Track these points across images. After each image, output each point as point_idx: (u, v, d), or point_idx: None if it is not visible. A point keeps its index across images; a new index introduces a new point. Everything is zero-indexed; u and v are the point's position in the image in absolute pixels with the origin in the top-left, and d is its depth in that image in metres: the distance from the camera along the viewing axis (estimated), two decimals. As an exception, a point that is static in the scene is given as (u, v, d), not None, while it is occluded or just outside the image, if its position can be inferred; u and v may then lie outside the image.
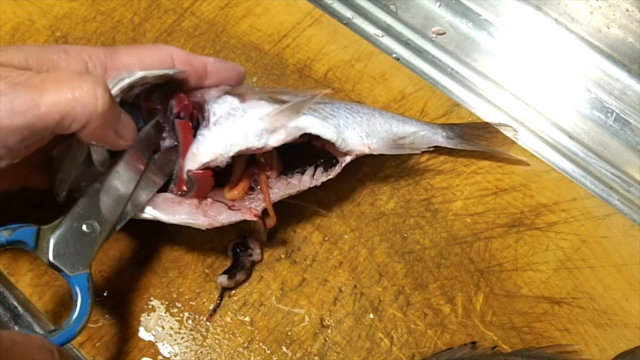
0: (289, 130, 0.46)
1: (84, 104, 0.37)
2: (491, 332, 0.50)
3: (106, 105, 0.38)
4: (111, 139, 0.41)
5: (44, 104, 0.36)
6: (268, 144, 0.45)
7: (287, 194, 0.49)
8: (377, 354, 0.49)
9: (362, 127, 0.51)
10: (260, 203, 0.48)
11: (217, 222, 0.45)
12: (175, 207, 0.45)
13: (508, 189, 0.57)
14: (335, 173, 0.50)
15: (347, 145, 0.49)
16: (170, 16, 0.63)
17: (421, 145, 0.54)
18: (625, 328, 0.51)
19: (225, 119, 0.45)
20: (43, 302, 0.49)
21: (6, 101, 0.35)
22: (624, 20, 0.68)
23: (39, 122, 0.36)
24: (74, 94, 0.37)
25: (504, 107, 0.68)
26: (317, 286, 0.51)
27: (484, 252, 0.53)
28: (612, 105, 0.68)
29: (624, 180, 0.64)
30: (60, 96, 0.37)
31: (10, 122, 0.36)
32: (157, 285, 0.50)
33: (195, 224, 0.45)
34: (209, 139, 0.45)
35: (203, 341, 0.49)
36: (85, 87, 0.37)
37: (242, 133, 0.45)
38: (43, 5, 0.63)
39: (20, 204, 0.52)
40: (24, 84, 0.37)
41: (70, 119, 0.37)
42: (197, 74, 0.47)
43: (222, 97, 0.47)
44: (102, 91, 0.38)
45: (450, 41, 0.71)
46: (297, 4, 0.65)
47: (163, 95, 0.46)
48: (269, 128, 0.45)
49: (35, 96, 0.36)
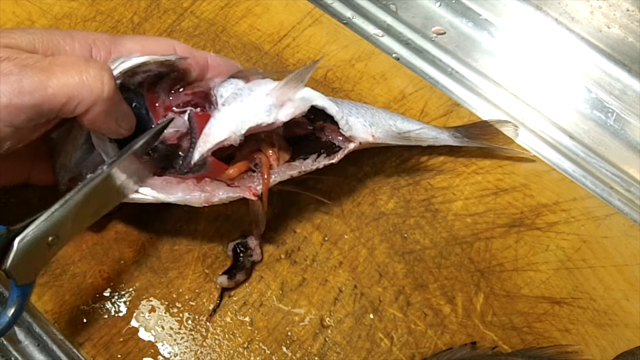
0: (297, 103, 0.46)
1: (90, 88, 0.38)
2: (491, 333, 0.50)
3: (111, 90, 0.39)
4: (112, 126, 0.42)
5: (51, 85, 0.37)
6: (278, 118, 0.46)
7: (288, 175, 0.48)
8: (377, 354, 0.49)
9: (366, 118, 0.52)
10: (260, 183, 0.47)
11: (214, 197, 0.45)
12: (172, 186, 0.45)
13: (508, 189, 0.56)
14: (338, 159, 0.50)
15: (350, 128, 0.49)
16: (170, 16, 0.63)
17: (427, 137, 0.55)
18: (625, 328, 0.51)
19: (233, 99, 0.46)
20: (43, 302, 0.49)
21: (15, 81, 0.36)
22: (625, 20, 0.68)
23: (45, 102, 0.37)
24: (81, 77, 0.38)
25: (504, 107, 0.67)
26: (317, 286, 0.51)
27: (484, 252, 0.53)
28: (612, 105, 0.68)
29: (624, 180, 0.64)
30: (67, 79, 0.38)
31: (18, 101, 0.37)
32: (157, 285, 0.50)
33: (191, 201, 0.45)
34: (219, 118, 0.45)
35: (203, 341, 0.49)
36: (92, 72, 0.39)
37: (252, 109, 0.45)
38: (43, 5, 0.63)
39: (20, 204, 0.52)
40: (32, 66, 0.38)
41: (76, 102, 0.38)
42: (199, 66, 0.47)
43: (227, 80, 0.48)
44: (108, 77, 0.39)
45: (451, 41, 0.71)
46: (297, 3, 0.65)
47: (167, 85, 0.47)
48: (276, 102, 0.46)
49: (43, 78, 0.37)
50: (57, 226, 0.40)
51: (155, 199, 0.45)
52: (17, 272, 0.38)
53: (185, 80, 0.47)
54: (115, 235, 0.52)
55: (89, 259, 0.51)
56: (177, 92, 0.47)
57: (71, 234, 0.41)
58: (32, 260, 0.39)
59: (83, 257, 0.51)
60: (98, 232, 0.52)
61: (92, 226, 0.52)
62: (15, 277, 0.39)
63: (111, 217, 0.52)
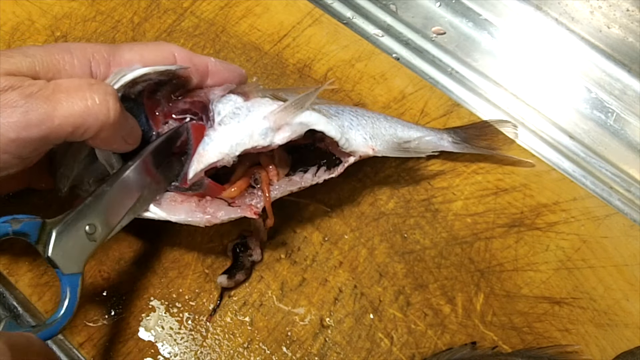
0: (294, 127, 0.46)
1: (96, 115, 0.38)
2: (491, 332, 0.50)
3: (117, 114, 0.39)
4: (119, 145, 0.42)
5: (57, 116, 0.37)
6: (274, 142, 0.45)
7: (288, 191, 0.48)
8: (377, 354, 0.49)
9: (367, 130, 0.51)
10: (261, 200, 0.47)
11: (216, 218, 0.45)
12: (176, 205, 0.45)
13: (508, 189, 0.56)
14: (338, 173, 0.50)
15: (350, 145, 0.49)
16: (170, 16, 0.63)
17: (427, 149, 0.54)
18: (625, 328, 0.51)
19: (230, 118, 0.46)
20: (43, 302, 0.49)
21: (21, 114, 0.36)
22: (625, 20, 0.68)
23: (52, 133, 0.37)
24: (86, 104, 0.38)
25: (504, 107, 0.67)
26: (317, 286, 0.51)
27: (484, 252, 0.53)
28: (612, 105, 0.68)
29: (624, 180, 0.64)
30: (73, 108, 0.38)
31: (26, 134, 0.37)
32: (157, 285, 0.50)
33: (194, 222, 0.45)
34: (215, 139, 0.45)
35: (203, 341, 0.49)
36: (97, 98, 0.38)
37: (248, 132, 0.45)
38: (43, 5, 0.63)
39: (20, 204, 0.52)
40: (37, 96, 0.37)
41: (82, 130, 0.38)
42: (199, 72, 0.47)
43: (226, 96, 0.47)
44: (113, 101, 0.39)
45: (450, 41, 0.71)
46: (297, 3, 0.65)
47: (167, 93, 0.46)
48: (273, 126, 0.45)
49: (49, 109, 0.37)
50: (92, 215, 0.42)
51: (159, 217, 0.45)
52: (59, 260, 0.41)
53: (185, 87, 0.47)
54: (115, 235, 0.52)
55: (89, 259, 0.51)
56: (177, 100, 0.47)
57: (109, 225, 0.43)
58: (73, 249, 0.41)
59: (83, 257, 0.51)
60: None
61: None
62: (59, 265, 0.41)
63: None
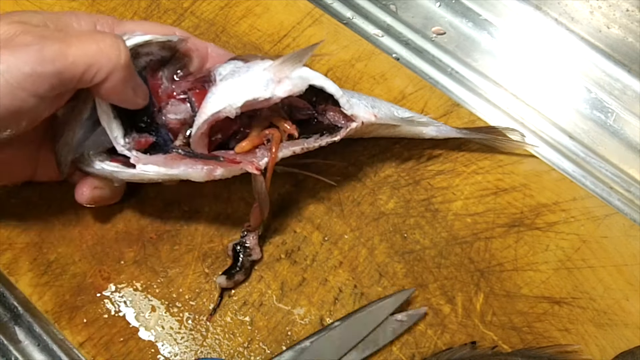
0: (295, 81, 0.46)
1: (108, 55, 0.40)
2: (491, 332, 0.50)
3: (128, 57, 0.41)
4: (129, 95, 0.43)
5: (71, 54, 0.39)
6: (275, 94, 0.45)
7: (291, 152, 0.47)
8: (377, 354, 0.49)
9: (368, 102, 0.52)
10: (265, 157, 0.46)
11: (217, 171, 0.45)
12: (176, 161, 0.45)
13: (508, 189, 0.56)
14: (341, 137, 0.49)
15: (352, 107, 0.49)
16: (170, 16, 0.63)
17: (429, 123, 0.55)
18: (625, 328, 0.51)
19: (231, 75, 0.47)
20: (43, 302, 0.49)
21: (36, 50, 0.38)
22: (624, 20, 0.68)
23: (66, 70, 0.39)
24: (99, 45, 0.40)
25: (504, 107, 0.67)
26: (317, 286, 0.51)
27: (484, 252, 0.53)
28: (612, 105, 0.68)
29: (624, 180, 0.64)
30: (85, 47, 0.39)
31: (41, 69, 0.38)
32: (157, 285, 0.50)
33: (193, 175, 0.45)
34: (216, 92, 0.46)
35: (203, 341, 0.49)
36: (108, 41, 0.40)
37: (249, 83, 0.45)
38: (43, 5, 0.63)
39: (20, 204, 0.52)
40: (50, 37, 0.39)
41: (95, 69, 0.39)
42: (200, 54, 0.49)
43: (227, 62, 0.49)
44: (123, 45, 0.41)
45: (450, 41, 0.71)
46: (297, 3, 0.65)
47: (169, 73, 0.48)
48: (274, 78, 0.46)
49: (63, 46, 0.39)
50: None
51: (156, 173, 0.45)
52: None
53: (187, 68, 0.48)
54: (115, 235, 0.52)
55: (89, 259, 0.51)
56: (179, 80, 0.48)
57: None
58: None
59: (83, 257, 0.51)
60: (98, 232, 0.52)
61: (93, 225, 0.52)
62: None
63: (111, 217, 0.52)
